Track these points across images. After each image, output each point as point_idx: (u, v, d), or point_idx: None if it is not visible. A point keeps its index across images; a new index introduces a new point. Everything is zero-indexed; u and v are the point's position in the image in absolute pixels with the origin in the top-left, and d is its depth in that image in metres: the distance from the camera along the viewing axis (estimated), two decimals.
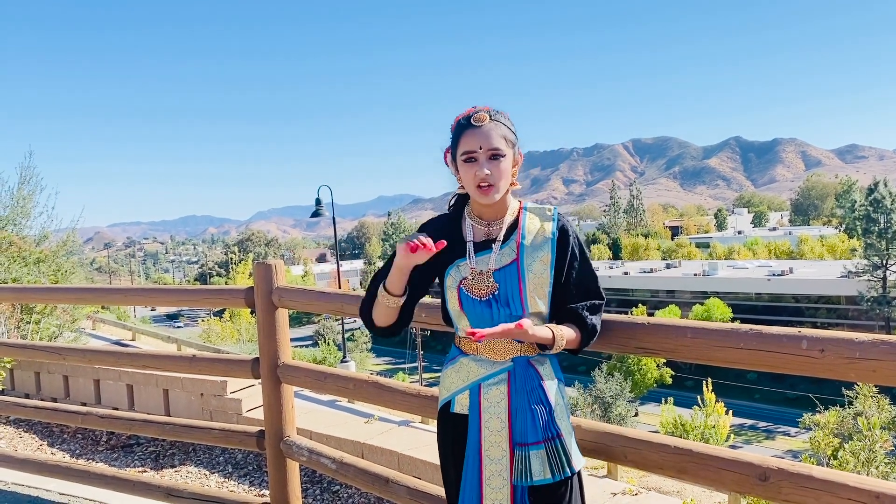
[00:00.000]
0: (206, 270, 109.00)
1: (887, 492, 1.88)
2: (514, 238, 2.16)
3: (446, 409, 2.23)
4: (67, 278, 12.17)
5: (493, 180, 2.08)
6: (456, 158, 2.13)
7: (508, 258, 2.14)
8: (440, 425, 2.27)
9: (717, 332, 2.17)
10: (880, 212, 51.16)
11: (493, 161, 2.08)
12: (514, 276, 2.12)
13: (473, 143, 2.08)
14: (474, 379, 2.15)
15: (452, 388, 2.20)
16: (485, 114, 2.10)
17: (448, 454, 2.24)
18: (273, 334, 3.54)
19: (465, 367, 2.18)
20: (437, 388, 2.41)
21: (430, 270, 2.22)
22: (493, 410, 2.11)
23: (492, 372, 2.13)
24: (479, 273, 2.13)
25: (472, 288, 2.13)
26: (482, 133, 2.08)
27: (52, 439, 6.93)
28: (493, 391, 2.12)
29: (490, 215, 2.19)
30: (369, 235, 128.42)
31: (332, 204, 21.86)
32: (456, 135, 2.14)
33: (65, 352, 4.65)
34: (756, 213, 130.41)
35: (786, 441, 38.31)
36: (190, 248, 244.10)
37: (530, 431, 2.06)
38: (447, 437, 2.23)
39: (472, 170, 2.08)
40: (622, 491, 4.67)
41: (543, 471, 2.06)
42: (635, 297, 58.59)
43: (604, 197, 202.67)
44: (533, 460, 2.05)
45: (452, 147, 2.16)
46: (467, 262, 2.15)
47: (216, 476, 5.87)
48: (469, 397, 2.15)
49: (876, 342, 1.86)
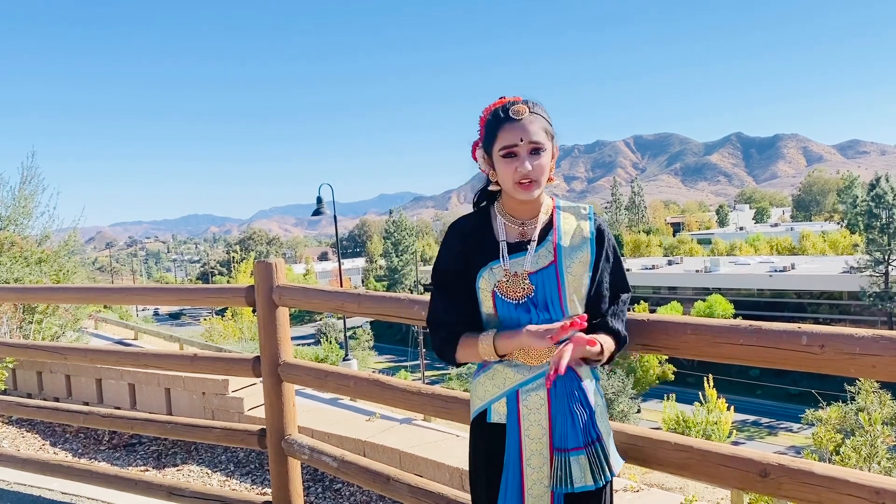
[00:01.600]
0: (208, 269, 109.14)
1: (888, 488, 1.89)
2: (549, 238, 2.07)
3: (482, 419, 2.10)
4: (69, 278, 12.18)
5: (535, 175, 1.98)
6: (491, 153, 2.03)
7: (546, 260, 2.04)
8: (475, 436, 2.14)
9: (718, 329, 2.17)
10: (882, 207, 51.09)
11: (534, 155, 1.98)
12: (553, 279, 2.03)
13: (514, 136, 1.97)
14: (511, 385, 2.04)
15: (487, 397, 2.08)
16: (524, 105, 1.99)
17: (481, 464, 2.11)
18: (274, 333, 3.54)
19: (501, 374, 2.06)
20: (439, 387, 2.38)
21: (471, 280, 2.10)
22: (532, 417, 2.02)
23: (530, 377, 2.03)
24: (514, 275, 2.03)
25: (506, 291, 2.03)
26: (522, 126, 1.97)
27: (54, 439, 6.94)
28: (533, 397, 2.02)
29: (524, 213, 2.09)
30: (371, 233, 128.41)
31: (334, 202, 21.86)
32: (491, 128, 2.02)
33: (66, 351, 4.66)
34: (758, 209, 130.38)
35: (789, 437, 38.31)
36: (192, 248, 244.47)
37: (570, 436, 1.99)
38: (481, 447, 2.11)
39: (512, 165, 1.97)
40: (623, 488, 4.68)
41: (584, 477, 1.99)
42: (637, 294, 58.53)
43: (605, 194, 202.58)
44: (573, 466, 1.98)
45: (487, 141, 2.04)
46: (501, 263, 2.05)
47: (218, 475, 5.88)
48: (506, 405, 2.05)
49: (876, 338, 1.86)
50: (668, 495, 4.87)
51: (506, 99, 2.05)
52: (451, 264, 2.13)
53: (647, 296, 58.06)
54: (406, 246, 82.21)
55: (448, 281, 2.14)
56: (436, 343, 2.16)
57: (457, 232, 2.14)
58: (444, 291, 2.14)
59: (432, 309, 2.18)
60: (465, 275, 2.09)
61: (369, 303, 3.18)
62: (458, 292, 2.10)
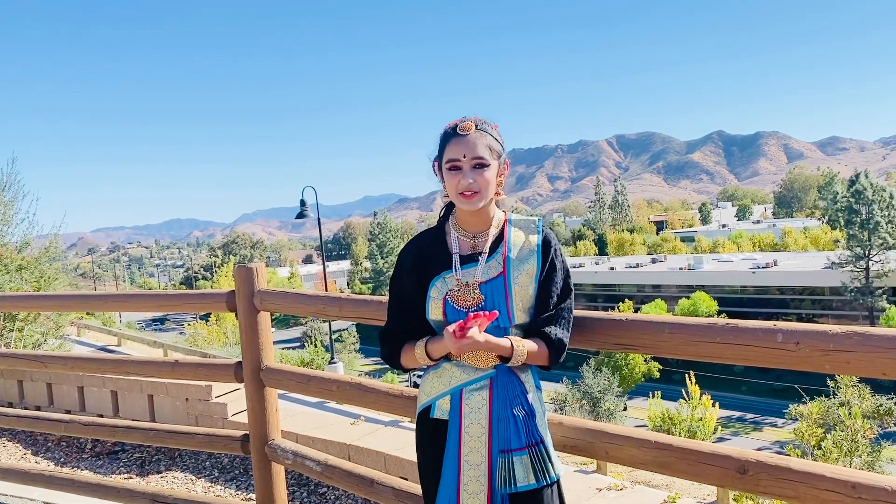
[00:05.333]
0: (192, 274, 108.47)
1: (863, 482, 1.91)
2: (499, 251, 2.17)
3: (426, 414, 2.23)
4: (50, 285, 12.07)
5: (477, 188, 2.09)
6: (442, 167, 2.15)
7: (495, 271, 2.15)
8: (419, 430, 2.27)
9: (695, 327, 2.18)
10: (862, 203, 51.64)
11: (476, 170, 2.09)
12: (501, 289, 2.13)
13: (458, 151, 2.10)
14: (456, 384, 2.15)
15: (433, 393, 2.20)
16: (471, 123, 2.13)
17: (427, 459, 2.24)
18: (255, 338, 3.53)
19: (448, 373, 2.18)
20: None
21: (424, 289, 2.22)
22: (473, 416, 2.12)
23: (474, 378, 2.14)
24: (465, 285, 2.14)
25: (457, 299, 2.13)
26: (467, 142, 2.10)
27: (36, 447, 6.88)
28: (475, 397, 2.12)
29: (474, 226, 2.20)
30: (355, 236, 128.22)
31: (318, 205, 21.82)
32: (442, 143, 2.16)
33: (46, 359, 4.61)
34: (740, 207, 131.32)
35: (773, 432, 38.59)
36: (175, 252, 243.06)
37: (513, 437, 2.09)
38: (426, 441, 2.24)
39: (455, 178, 2.10)
40: (608, 486, 4.70)
41: (528, 477, 2.09)
42: (621, 293, 58.87)
43: (589, 193, 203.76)
44: (517, 466, 2.08)
45: (439, 155, 2.17)
46: (453, 273, 2.16)
47: (202, 481, 5.85)
48: (450, 402, 2.16)
49: (849, 334, 1.89)
50: (654, 492, 4.89)
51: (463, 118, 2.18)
52: (400, 283, 2.29)
53: (632, 294, 58.34)
54: (391, 248, 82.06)
55: (398, 296, 2.30)
56: (383, 352, 2.32)
57: (410, 249, 2.30)
58: (396, 305, 2.30)
59: (388, 320, 2.35)
60: (414, 289, 2.23)
61: (351, 306, 3.17)
62: (407, 306, 2.25)
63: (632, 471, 5.54)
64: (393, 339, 2.29)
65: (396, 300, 2.30)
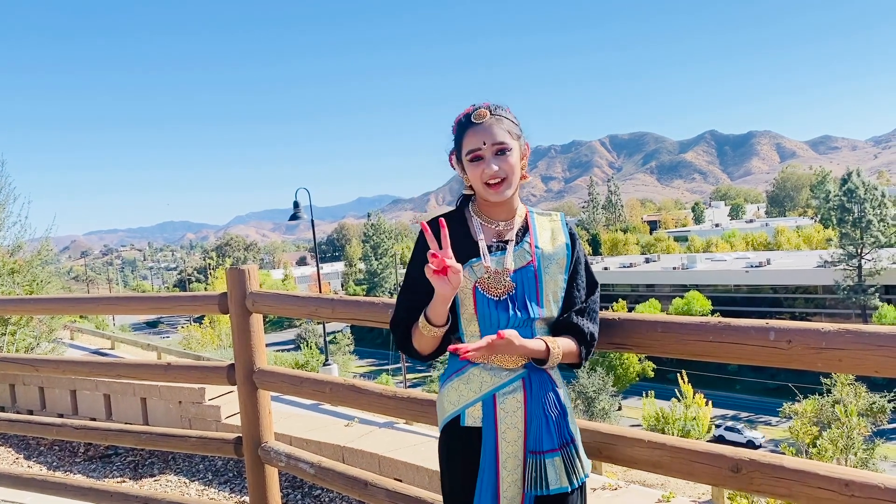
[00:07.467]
0: (185, 277, 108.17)
1: (856, 479, 1.91)
2: (526, 240, 2.11)
3: (455, 424, 2.09)
4: (43, 288, 12.03)
5: (503, 174, 2.02)
6: (461, 160, 2.08)
7: (524, 260, 2.08)
8: (447, 441, 2.13)
9: (687, 326, 2.18)
10: (854, 202, 51.89)
11: (499, 157, 2.02)
12: (532, 278, 2.06)
13: (477, 140, 2.02)
14: (488, 389, 2.05)
15: (462, 402, 2.08)
16: (485, 110, 2.05)
17: (457, 469, 2.10)
18: (248, 340, 3.51)
19: (477, 378, 2.06)
20: (419, 390, 2.36)
21: None
22: (509, 420, 2.03)
23: (506, 381, 2.04)
24: (496, 272, 2.05)
25: (488, 287, 2.04)
26: (485, 129, 2.02)
27: (28, 452, 6.84)
28: (510, 400, 2.03)
29: (500, 215, 2.12)
30: (349, 237, 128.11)
31: (311, 206, 21.78)
32: (458, 135, 2.08)
33: (38, 363, 4.59)
34: (733, 206, 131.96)
35: (767, 430, 38.71)
36: (168, 255, 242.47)
37: (545, 438, 2.00)
38: (455, 451, 2.10)
39: (479, 168, 2.02)
40: (602, 486, 4.70)
41: (560, 479, 2.00)
42: (615, 292, 58.92)
43: (582, 193, 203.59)
44: (549, 468, 2.00)
45: (456, 148, 2.10)
46: (482, 261, 2.06)
47: (196, 484, 5.83)
48: (482, 409, 2.05)
49: (841, 332, 1.88)
50: (648, 492, 4.89)
51: (474, 106, 2.09)
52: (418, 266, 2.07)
53: (626, 294, 58.44)
54: (385, 249, 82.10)
55: (416, 280, 2.09)
56: (397, 340, 2.17)
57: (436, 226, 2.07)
58: (411, 290, 2.13)
59: (395, 310, 2.19)
60: None
61: (343, 308, 3.16)
62: (424, 292, 2.04)
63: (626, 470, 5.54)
64: (405, 324, 2.14)
65: (415, 285, 2.11)
